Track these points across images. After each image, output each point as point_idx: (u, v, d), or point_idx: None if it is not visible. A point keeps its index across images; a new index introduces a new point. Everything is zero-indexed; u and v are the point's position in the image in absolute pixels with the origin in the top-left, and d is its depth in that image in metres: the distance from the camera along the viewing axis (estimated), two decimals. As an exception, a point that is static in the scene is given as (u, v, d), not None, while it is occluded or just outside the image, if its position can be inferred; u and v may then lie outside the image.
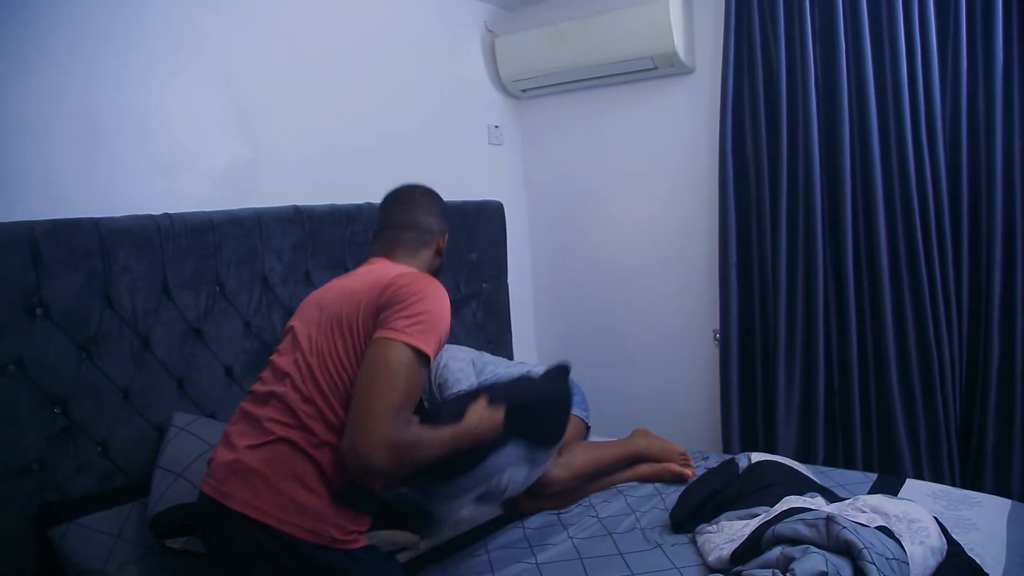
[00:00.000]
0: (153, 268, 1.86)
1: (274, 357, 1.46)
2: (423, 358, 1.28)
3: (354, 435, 1.22)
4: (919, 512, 1.47)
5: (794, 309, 2.43)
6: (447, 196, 2.72)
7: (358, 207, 2.37)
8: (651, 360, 2.94)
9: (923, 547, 1.36)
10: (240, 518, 1.28)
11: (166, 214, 1.90)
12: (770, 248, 2.47)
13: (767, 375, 2.51)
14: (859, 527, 1.26)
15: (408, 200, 1.62)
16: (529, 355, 3.25)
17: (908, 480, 1.96)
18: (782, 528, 1.32)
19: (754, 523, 1.57)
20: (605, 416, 3.03)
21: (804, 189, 2.39)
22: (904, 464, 2.24)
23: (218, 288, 2.00)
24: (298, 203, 2.22)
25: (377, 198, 2.45)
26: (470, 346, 2.70)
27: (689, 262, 2.79)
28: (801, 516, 1.34)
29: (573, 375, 3.10)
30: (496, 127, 3.07)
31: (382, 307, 1.31)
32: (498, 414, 1.43)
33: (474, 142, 3.00)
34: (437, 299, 1.35)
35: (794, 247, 2.43)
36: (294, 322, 1.49)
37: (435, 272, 1.64)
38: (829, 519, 1.27)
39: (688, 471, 2.16)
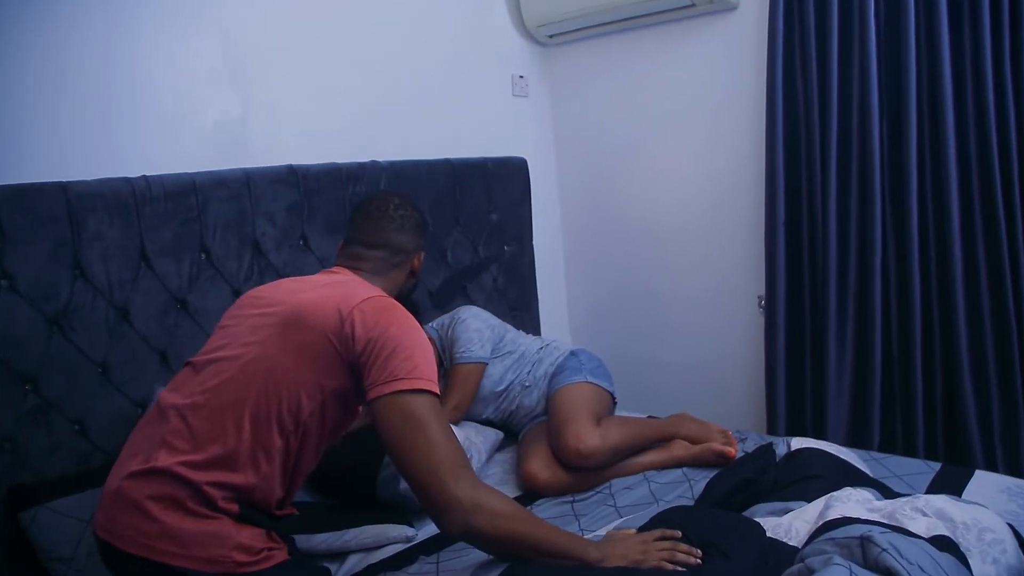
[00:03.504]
0: (128, 234, 1.73)
1: (196, 358, 1.29)
2: (436, 397, 1.19)
3: (439, 513, 1.13)
4: (992, 520, 1.22)
5: (847, 271, 2.14)
6: (466, 152, 2.56)
7: (361, 165, 2.19)
8: (690, 329, 2.69)
9: (997, 567, 1.12)
10: (132, 558, 1.13)
11: (143, 176, 1.77)
12: (821, 204, 2.17)
13: (816, 346, 2.24)
14: (903, 544, 1.02)
15: (380, 215, 1.45)
16: (560, 322, 3.05)
17: (977, 472, 1.69)
18: (809, 553, 1.10)
19: (786, 521, 1.35)
20: (639, 389, 2.82)
21: (861, 138, 2.08)
22: (974, 453, 1.95)
23: (203, 255, 1.87)
24: (295, 162, 2.05)
25: (385, 155, 2.31)
26: (491, 313, 2.52)
27: (733, 221, 2.51)
28: (831, 535, 1.11)
29: (602, 345, 2.91)
30: (521, 77, 2.82)
31: (356, 354, 1.19)
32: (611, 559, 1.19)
33: (496, 94, 2.77)
34: (412, 328, 1.24)
35: (848, 202, 2.13)
36: (228, 322, 1.33)
37: (407, 293, 1.49)
38: (864, 540, 1.04)
39: (731, 450, 1.94)
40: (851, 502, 1.28)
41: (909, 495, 1.41)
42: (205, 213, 1.85)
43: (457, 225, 2.48)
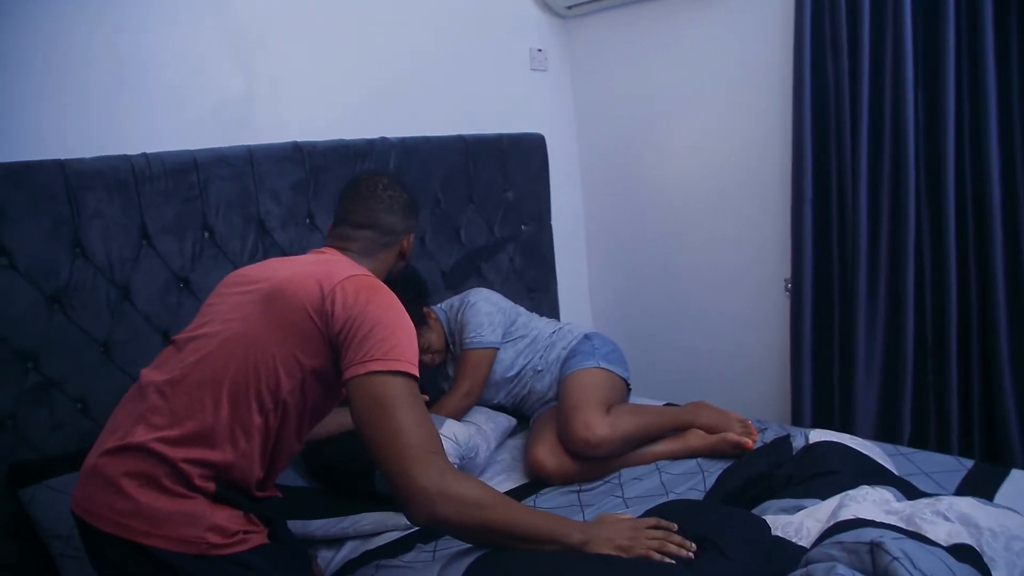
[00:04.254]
0: (129, 213, 1.71)
1: (179, 336, 1.27)
2: (414, 379, 1.14)
3: (404, 502, 1.08)
4: (1023, 527, 1.12)
5: (878, 252, 2.01)
6: (482, 129, 2.48)
7: (369, 142, 2.14)
8: (713, 312, 2.59)
9: (1022, 578, 1.02)
10: (106, 536, 1.10)
11: (143, 154, 1.74)
12: (851, 180, 2.04)
13: (845, 332, 2.12)
14: (917, 553, 0.93)
15: (368, 195, 1.41)
16: (580, 304, 2.97)
17: (1014, 471, 1.57)
18: (815, 556, 1.02)
19: (797, 519, 1.27)
20: (659, 375, 2.74)
21: (894, 109, 1.93)
22: (1012, 449, 1.82)
23: (206, 233, 1.84)
24: (301, 139, 2.00)
25: (396, 132, 2.25)
26: (506, 295, 2.47)
27: (759, 198, 2.39)
28: (839, 538, 1.03)
29: (622, 327, 2.83)
30: (539, 50, 2.72)
31: (335, 332, 1.15)
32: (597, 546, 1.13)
33: (513, 68, 2.67)
34: (393, 308, 1.19)
35: (880, 178, 1.99)
36: (213, 300, 1.30)
37: (397, 275, 1.45)
38: (874, 546, 0.95)
39: (748, 440, 1.85)
40: (867, 502, 1.19)
41: (935, 495, 1.32)
42: (207, 191, 1.82)
43: (471, 203, 2.42)
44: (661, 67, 2.57)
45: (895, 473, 1.49)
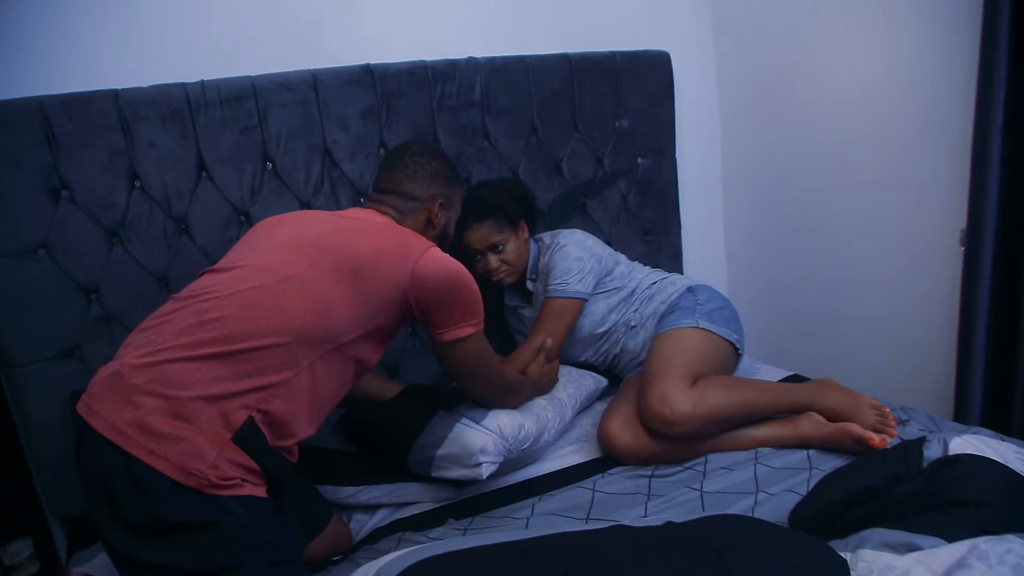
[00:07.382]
0: (184, 143, 1.65)
1: (218, 266, 1.29)
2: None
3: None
4: None
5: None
6: (591, 46, 2.15)
7: (452, 63, 1.91)
8: (868, 268, 2.11)
9: None
10: (101, 441, 1.06)
11: (199, 81, 1.65)
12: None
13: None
14: None
15: (395, 163, 1.48)
16: (713, 252, 2.59)
17: None
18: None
19: (904, 563, 0.93)
20: (795, 341, 2.35)
21: None
22: None
23: (268, 164, 1.74)
24: (374, 61, 1.83)
25: (487, 51, 2.00)
26: (617, 237, 2.20)
27: (932, 128, 1.86)
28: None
29: (759, 280, 2.43)
30: (670, -50, 2.31)
31: (421, 304, 1.28)
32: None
33: (637, -28, 2.29)
34: (467, 282, 1.33)
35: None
36: (255, 241, 1.34)
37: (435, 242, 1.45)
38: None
39: (875, 437, 1.47)
40: (1004, 566, 0.83)
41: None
42: (267, 119, 1.71)
43: (575, 132, 2.13)
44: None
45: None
